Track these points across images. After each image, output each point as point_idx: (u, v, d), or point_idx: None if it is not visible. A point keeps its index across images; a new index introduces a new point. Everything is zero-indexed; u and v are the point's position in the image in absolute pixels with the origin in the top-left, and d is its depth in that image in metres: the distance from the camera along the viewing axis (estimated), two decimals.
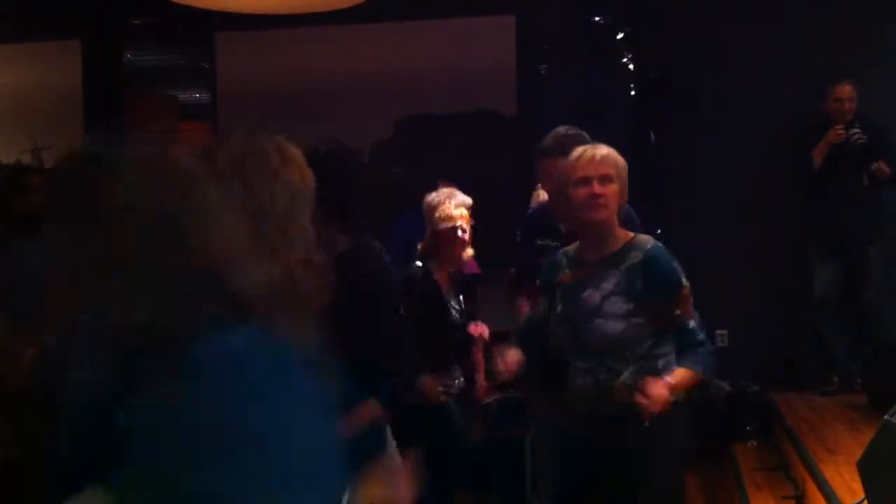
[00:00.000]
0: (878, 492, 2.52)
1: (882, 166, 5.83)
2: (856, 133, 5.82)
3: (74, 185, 3.52)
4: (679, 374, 2.93)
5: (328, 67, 7.05)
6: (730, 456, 5.67)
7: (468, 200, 4.18)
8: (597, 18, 6.56)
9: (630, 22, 6.48)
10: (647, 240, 3.11)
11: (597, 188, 3.00)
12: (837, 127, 5.87)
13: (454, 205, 4.10)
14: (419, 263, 4.10)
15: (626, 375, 2.95)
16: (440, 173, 4.48)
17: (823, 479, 4.12)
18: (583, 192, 3.01)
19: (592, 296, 3.02)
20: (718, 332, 6.58)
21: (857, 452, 2.77)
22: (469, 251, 4.22)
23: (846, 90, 5.94)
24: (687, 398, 3.06)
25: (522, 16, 6.88)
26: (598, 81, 6.38)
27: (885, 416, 2.65)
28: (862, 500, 2.64)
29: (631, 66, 6.52)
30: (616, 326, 2.97)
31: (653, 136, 6.46)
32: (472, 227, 4.25)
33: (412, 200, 4.45)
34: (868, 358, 5.69)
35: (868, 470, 2.61)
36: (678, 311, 3.01)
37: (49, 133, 6.75)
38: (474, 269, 4.47)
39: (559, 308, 3.13)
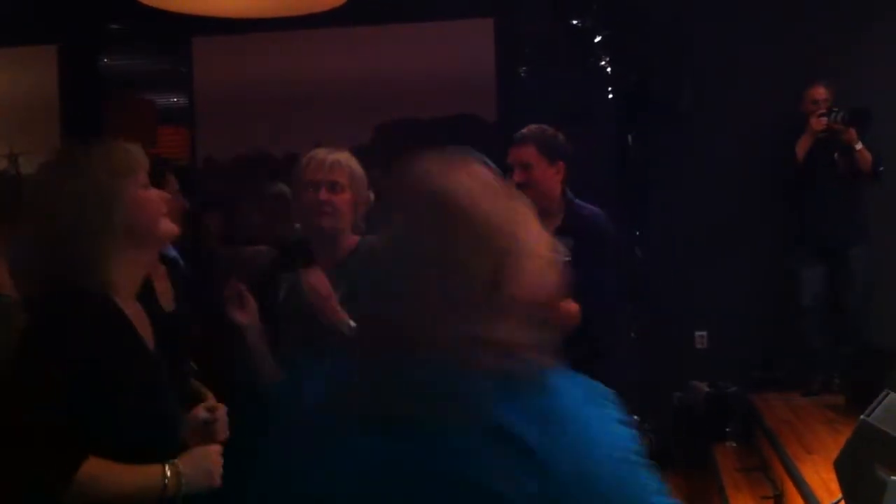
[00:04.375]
0: (855, 491, 2.53)
1: (864, 151, 5.86)
2: (836, 112, 5.84)
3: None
4: None
5: (306, 71, 7.03)
6: (710, 457, 5.69)
7: None
8: (575, 22, 6.58)
9: (608, 26, 6.51)
10: (373, 239, 2.86)
11: (323, 195, 2.83)
12: (818, 113, 5.91)
13: None
14: None
15: None
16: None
17: (802, 478, 4.14)
18: (310, 196, 2.85)
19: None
20: (698, 333, 6.62)
21: (835, 452, 2.78)
22: None
23: (820, 92, 6.00)
24: None
25: (500, 19, 6.88)
26: (577, 86, 6.40)
27: (862, 416, 2.66)
28: (839, 500, 2.65)
29: (609, 70, 6.55)
30: None
31: (631, 140, 6.48)
32: None
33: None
34: (847, 359, 5.73)
35: (845, 469, 2.62)
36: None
37: (25, 138, 6.70)
38: None
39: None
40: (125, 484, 1.87)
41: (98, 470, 1.82)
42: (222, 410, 2.19)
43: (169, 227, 2.09)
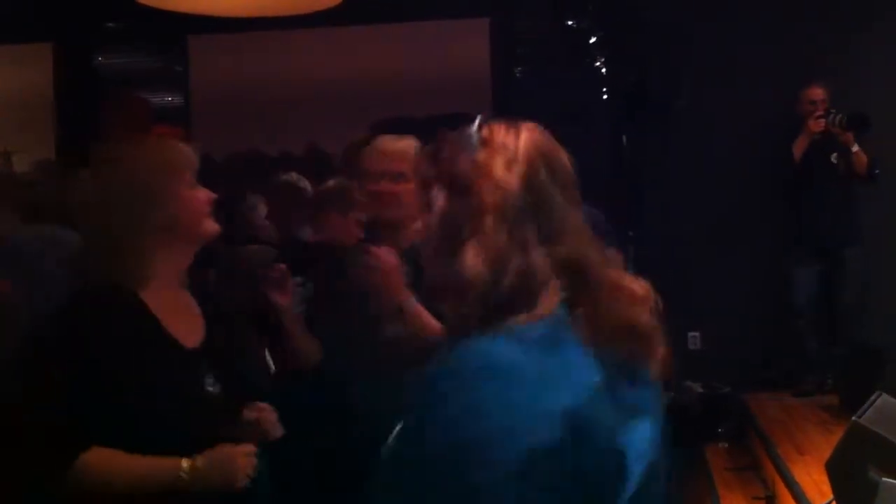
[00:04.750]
0: (846, 492, 2.54)
1: (860, 153, 5.89)
2: (834, 114, 5.86)
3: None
4: None
5: (302, 70, 7.04)
6: (702, 457, 5.70)
7: None
8: (570, 22, 6.59)
9: (604, 26, 6.52)
10: None
11: (386, 185, 2.77)
12: (816, 115, 5.93)
13: None
14: None
15: None
16: None
17: (793, 479, 4.15)
18: (374, 187, 2.81)
19: None
20: (691, 334, 6.64)
21: (827, 453, 2.79)
22: None
23: (818, 93, 6.02)
24: None
25: (496, 19, 6.89)
26: (573, 85, 6.41)
27: (854, 417, 2.68)
28: (830, 501, 2.66)
29: (604, 70, 6.56)
30: None
31: (625, 140, 6.49)
32: None
33: None
34: (841, 360, 5.75)
35: (836, 470, 2.64)
36: None
37: (19, 136, 6.70)
38: None
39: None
40: (134, 469, 1.85)
41: (105, 456, 1.82)
42: (267, 409, 2.17)
43: (211, 226, 2.10)
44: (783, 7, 6.36)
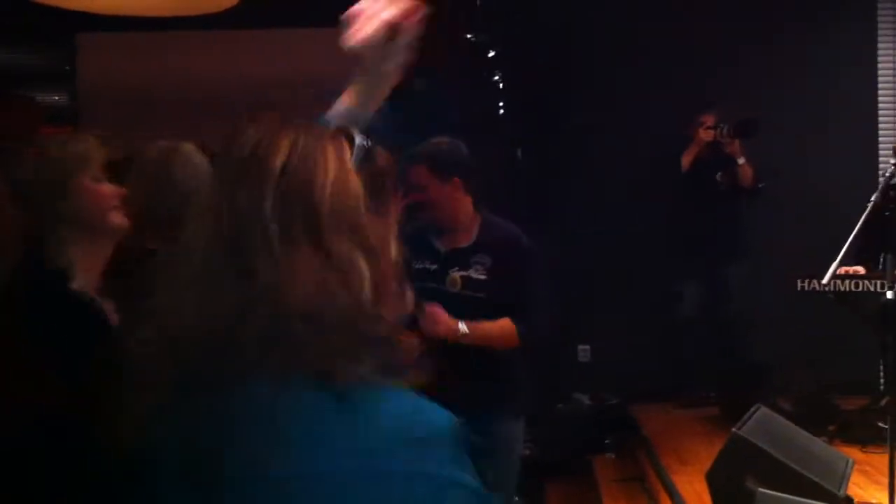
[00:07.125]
0: (725, 502, 2.61)
1: (746, 167, 6.07)
2: (722, 127, 6.05)
3: None
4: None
5: (196, 72, 6.89)
6: (589, 468, 5.78)
7: None
8: (469, 36, 6.63)
9: (502, 41, 6.58)
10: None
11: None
12: (706, 125, 6.09)
13: None
14: None
15: None
16: None
17: (675, 490, 4.24)
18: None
19: None
20: (581, 347, 6.73)
21: (709, 463, 2.86)
22: None
23: (710, 119, 6.19)
24: None
25: None
26: (470, 99, 6.44)
27: (734, 429, 2.75)
28: None
29: (502, 85, 6.62)
30: None
31: (520, 154, 6.56)
32: None
33: None
34: (724, 372, 5.91)
35: (716, 481, 2.71)
36: None
37: None
38: None
39: None
40: None
41: None
42: None
43: (120, 219, 2.11)
44: (679, 28, 6.51)
